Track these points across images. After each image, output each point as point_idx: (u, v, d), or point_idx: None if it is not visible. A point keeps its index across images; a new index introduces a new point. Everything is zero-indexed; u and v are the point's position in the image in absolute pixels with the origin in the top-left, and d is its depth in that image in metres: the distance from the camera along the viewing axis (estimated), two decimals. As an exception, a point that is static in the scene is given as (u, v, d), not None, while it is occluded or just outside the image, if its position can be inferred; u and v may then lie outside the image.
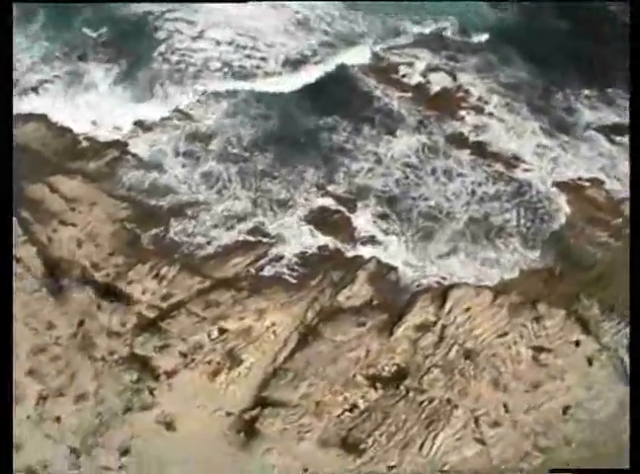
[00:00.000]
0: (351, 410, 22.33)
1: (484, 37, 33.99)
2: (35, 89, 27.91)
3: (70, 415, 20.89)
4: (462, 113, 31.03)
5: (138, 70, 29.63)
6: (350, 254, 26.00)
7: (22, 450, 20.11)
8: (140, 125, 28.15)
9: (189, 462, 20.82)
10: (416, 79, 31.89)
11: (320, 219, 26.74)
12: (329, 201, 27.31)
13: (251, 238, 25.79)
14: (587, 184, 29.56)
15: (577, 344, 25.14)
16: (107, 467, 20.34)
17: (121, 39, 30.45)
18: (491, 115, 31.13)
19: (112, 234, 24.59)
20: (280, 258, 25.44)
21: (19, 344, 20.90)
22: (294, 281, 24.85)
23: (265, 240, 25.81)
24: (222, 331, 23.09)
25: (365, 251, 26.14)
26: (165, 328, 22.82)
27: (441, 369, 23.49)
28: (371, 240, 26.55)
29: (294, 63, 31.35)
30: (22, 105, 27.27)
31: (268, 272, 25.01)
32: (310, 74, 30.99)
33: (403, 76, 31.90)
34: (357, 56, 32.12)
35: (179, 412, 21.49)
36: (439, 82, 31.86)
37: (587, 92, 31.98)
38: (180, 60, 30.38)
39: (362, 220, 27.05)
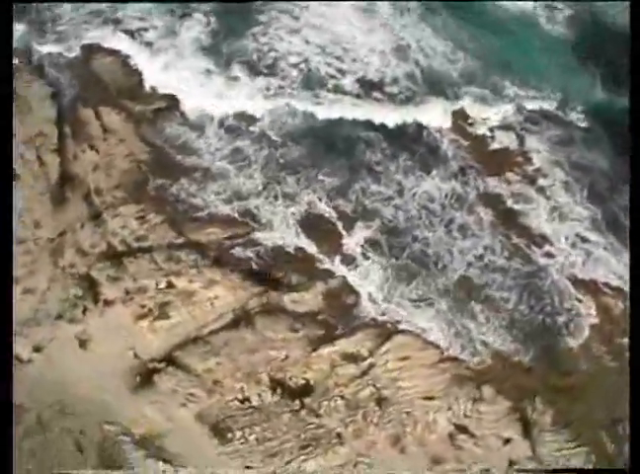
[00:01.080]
0: (242, 401, 22.94)
1: (580, 116, 32.23)
2: (131, 33, 31.47)
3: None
4: (511, 176, 29.81)
5: (225, 41, 32.08)
6: (322, 266, 26.38)
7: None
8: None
9: (85, 380, 22.76)
10: (482, 130, 31.17)
11: (312, 225, 27.32)
12: (330, 212, 27.81)
13: (240, 217, 27.13)
14: (609, 291, 27.18)
15: (506, 441, 23.54)
16: (18, 356, 22.90)
17: (224, 12, 33.05)
18: (541, 189, 29.54)
19: (125, 171, 27.24)
20: (255, 244, 26.52)
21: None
22: (256, 269, 25.83)
23: (252, 224, 27.02)
24: (169, 285, 24.75)
25: (339, 268, 26.37)
26: (125, 264, 24.95)
27: (346, 403, 23.22)
28: (351, 261, 26.71)
29: (370, 85, 31.80)
30: (113, 40, 30.91)
31: (237, 252, 26.21)
32: (381, 114, 30.90)
33: (470, 124, 31.31)
34: (434, 112, 31.29)
35: (97, 336, 23.53)
36: (503, 140, 30.83)
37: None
38: (265, 47, 32.36)
39: (353, 242, 27.24)
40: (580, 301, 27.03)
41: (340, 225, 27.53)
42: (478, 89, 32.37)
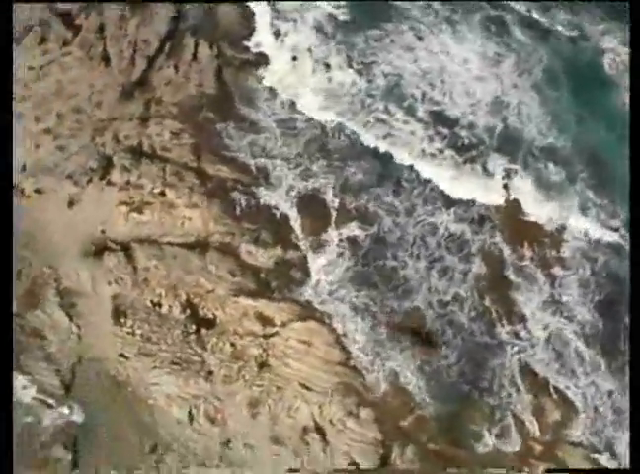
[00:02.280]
0: (153, 304, 25.53)
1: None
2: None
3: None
4: (528, 252, 28.71)
5: (341, 30, 34.68)
6: (293, 239, 27.93)
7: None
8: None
9: (54, 230, 26.84)
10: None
11: (311, 205, 28.91)
12: (333, 203, 29.03)
13: (255, 170, 29.60)
14: (554, 396, 25.45)
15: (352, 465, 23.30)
16: (22, 189, 27.69)
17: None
18: (552, 277, 28.07)
19: (188, 95, 31.04)
20: (252, 195, 28.83)
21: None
22: (237, 214, 28.11)
23: (261, 179, 29.39)
24: (161, 192, 27.99)
25: (306, 247, 27.80)
26: (141, 162, 28.68)
27: (233, 351, 24.80)
28: (321, 247, 27.89)
29: (442, 118, 32.38)
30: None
31: (234, 194, 28.56)
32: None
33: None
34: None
35: (85, 204, 27.53)
36: (541, 217, 29.73)
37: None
38: (371, 50, 34.52)
39: (336, 234, 28.32)
40: (518, 392, 25.53)
41: (334, 217, 28.83)
42: (549, 176, 31.03)
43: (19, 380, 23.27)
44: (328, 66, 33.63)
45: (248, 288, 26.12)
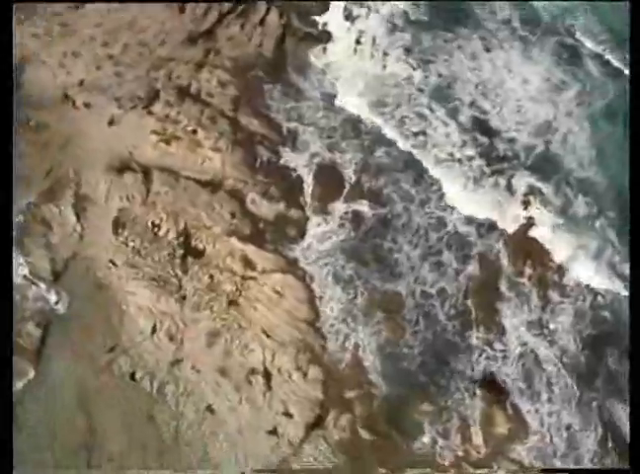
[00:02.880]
0: (153, 225, 27.27)
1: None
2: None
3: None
4: (528, 269, 28.41)
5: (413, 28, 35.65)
6: (300, 200, 29.28)
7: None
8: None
9: (91, 137, 29.41)
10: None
11: (327, 174, 30.10)
12: (350, 179, 30.09)
13: (285, 131, 31.06)
14: (504, 413, 25.31)
15: (287, 414, 24.15)
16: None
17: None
18: (545, 300, 27.72)
19: (245, 52, 33.03)
20: (275, 154, 30.27)
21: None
22: (256, 167, 29.64)
23: (288, 141, 30.78)
24: (193, 131, 29.89)
25: (310, 211, 29.05)
26: (185, 100, 30.86)
27: (209, 283, 26.23)
28: (325, 213, 29.06)
29: (483, 127, 32.57)
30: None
31: (258, 148, 30.14)
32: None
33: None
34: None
35: (124, 125, 29.85)
36: (544, 237, 29.20)
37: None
38: (432, 50, 35.23)
39: (343, 206, 29.26)
40: (472, 398, 25.46)
41: (346, 190, 29.76)
42: (576, 208, 30.56)
43: (16, 259, 25.67)
44: (386, 55, 34.68)
45: (242, 232, 27.51)
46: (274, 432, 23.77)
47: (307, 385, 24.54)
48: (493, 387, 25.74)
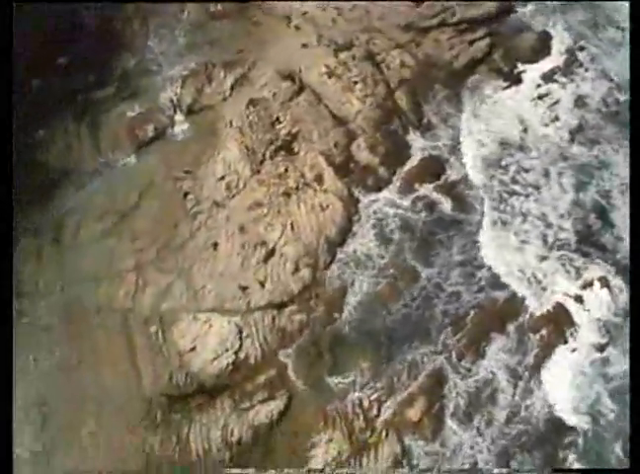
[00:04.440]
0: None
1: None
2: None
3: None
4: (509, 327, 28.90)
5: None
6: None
7: None
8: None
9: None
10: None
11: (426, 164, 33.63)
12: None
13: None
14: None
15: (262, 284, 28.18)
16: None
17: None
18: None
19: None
20: (405, 130, 34.56)
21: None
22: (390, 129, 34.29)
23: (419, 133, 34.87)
24: (354, 82, 35.54)
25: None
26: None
27: (281, 174, 31.30)
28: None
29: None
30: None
31: (394, 121, 34.75)
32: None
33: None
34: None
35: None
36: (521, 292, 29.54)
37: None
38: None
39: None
40: (413, 380, 26.95)
41: (438, 182, 32.78)
42: None
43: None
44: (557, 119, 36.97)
45: (333, 159, 32.20)
46: (244, 289, 27.86)
47: (292, 278, 28.27)
48: (436, 381, 26.79)
